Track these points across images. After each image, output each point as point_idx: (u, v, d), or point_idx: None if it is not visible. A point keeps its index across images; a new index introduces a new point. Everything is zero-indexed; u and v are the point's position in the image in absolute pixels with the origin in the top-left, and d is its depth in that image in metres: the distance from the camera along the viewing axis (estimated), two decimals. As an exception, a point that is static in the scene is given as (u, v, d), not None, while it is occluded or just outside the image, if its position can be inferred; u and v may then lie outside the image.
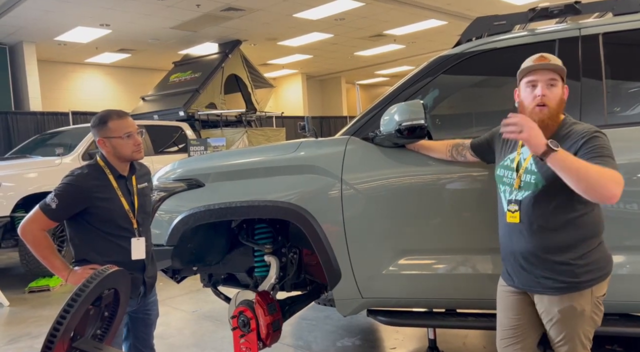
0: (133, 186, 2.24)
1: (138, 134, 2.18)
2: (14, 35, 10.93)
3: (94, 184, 2.11)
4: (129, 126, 2.16)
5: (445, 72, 2.55)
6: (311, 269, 2.99)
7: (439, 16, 11.32)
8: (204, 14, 10.12)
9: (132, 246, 2.16)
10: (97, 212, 2.10)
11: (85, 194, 2.08)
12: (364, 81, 20.20)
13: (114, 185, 2.16)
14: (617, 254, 1.97)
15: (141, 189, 2.27)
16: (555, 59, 1.88)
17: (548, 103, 1.82)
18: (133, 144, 2.15)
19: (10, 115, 10.64)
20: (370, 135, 2.53)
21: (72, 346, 1.57)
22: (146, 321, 2.35)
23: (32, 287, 5.31)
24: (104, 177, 2.15)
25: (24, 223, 2.07)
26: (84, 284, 1.50)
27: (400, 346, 3.44)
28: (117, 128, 2.14)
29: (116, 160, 2.18)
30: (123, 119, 2.17)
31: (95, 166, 2.18)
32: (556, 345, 1.91)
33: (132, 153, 2.16)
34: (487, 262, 2.37)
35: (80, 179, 2.10)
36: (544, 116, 1.82)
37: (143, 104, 10.93)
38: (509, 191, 1.94)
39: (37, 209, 2.07)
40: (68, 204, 2.07)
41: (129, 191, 2.21)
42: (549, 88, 1.83)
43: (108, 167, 2.17)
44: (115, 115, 2.18)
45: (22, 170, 5.76)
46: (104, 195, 2.12)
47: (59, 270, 2.09)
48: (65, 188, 2.07)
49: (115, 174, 2.18)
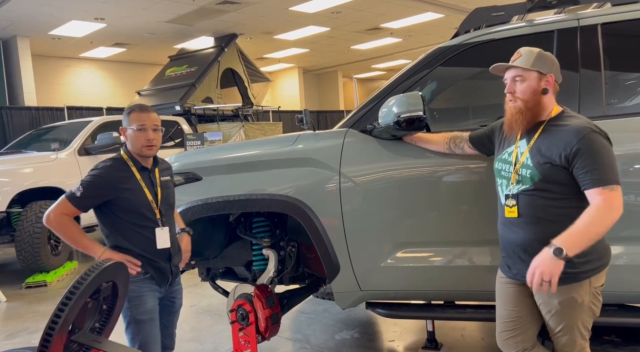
0: (156, 178, 2.30)
1: (154, 131, 2.22)
2: (8, 30, 10.84)
3: (118, 175, 2.18)
4: (144, 120, 2.21)
5: (443, 64, 2.54)
6: (309, 262, 2.98)
7: (435, 9, 11.29)
8: (199, 8, 10.05)
9: (157, 236, 2.22)
10: (122, 202, 2.17)
11: (110, 185, 2.15)
12: (361, 75, 20.16)
13: (138, 177, 2.23)
14: (615, 244, 1.97)
15: (164, 182, 2.34)
16: (528, 54, 1.89)
17: (518, 97, 1.90)
18: (144, 138, 2.20)
19: (4, 111, 10.56)
20: (368, 127, 2.52)
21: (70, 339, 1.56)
22: (170, 308, 2.40)
23: (29, 283, 5.30)
24: (128, 169, 2.23)
25: (48, 211, 2.12)
26: (82, 277, 1.49)
27: (398, 339, 3.44)
28: (134, 120, 2.22)
29: (135, 153, 2.26)
30: (143, 112, 2.24)
31: (119, 159, 2.26)
32: (555, 336, 1.92)
33: (142, 147, 2.22)
34: (485, 254, 2.37)
35: (106, 171, 2.17)
36: (517, 109, 1.90)
37: (139, 99, 10.88)
38: (506, 185, 1.94)
39: (62, 197, 2.13)
40: (93, 194, 2.13)
41: (152, 183, 2.27)
42: (515, 84, 1.90)
43: (131, 159, 2.25)
44: (138, 108, 2.26)
45: (18, 166, 5.73)
46: (128, 186, 2.18)
47: (91, 248, 2.14)
48: (92, 179, 2.14)
49: (138, 166, 2.25)
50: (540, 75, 1.88)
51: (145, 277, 2.20)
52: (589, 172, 1.74)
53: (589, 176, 1.75)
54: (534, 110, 1.88)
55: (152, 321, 2.22)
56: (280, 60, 16.38)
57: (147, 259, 2.20)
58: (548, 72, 1.89)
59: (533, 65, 1.87)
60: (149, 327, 2.20)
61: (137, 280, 2.16)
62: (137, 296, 2.16)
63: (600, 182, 1.73)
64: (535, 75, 1.88)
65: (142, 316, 2.18)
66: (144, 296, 2.19)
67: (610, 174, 1.74)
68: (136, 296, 2.16)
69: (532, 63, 1.87)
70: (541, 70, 1.88)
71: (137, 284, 2.16)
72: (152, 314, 2.22)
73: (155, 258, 2.22)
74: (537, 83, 1.88)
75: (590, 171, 1.74)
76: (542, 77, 1.88)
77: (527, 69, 1.88)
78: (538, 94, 1.88)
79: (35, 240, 5.35)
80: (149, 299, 2.21)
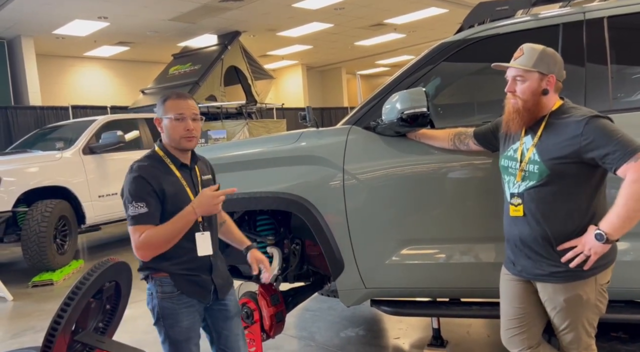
0: (197, 176, 2.04)
1: (194, 120, 1.96)
2: (12, 29, 10.87)
3: (156, 174, 1.90)
4: (182, 108, 1.94)
5: (447, 60, 2.51)
6: (314, 260, 2.97)
7: (439, 4, 11.22)
8: (202, 5, 10.04)
9: (197, 242, 1.94)
10: (165, 203, 1.88)
11: (153, 183, 1.87)
12: (365, 71, 20.09)
13: (178, 175, 1.95)
14: (621, 241, 1.94)
15: (206, 181, 2.07)
16: (530, 52, 1.86)
17: (517, 96, 1.88)
18: (183, 128, 1.92)
19: (10, 110, 10.62)
20: (372, 124, 2.51)
21: (74, 339, 1.56)
22: (225, 313, 2.09)
23: (35, 282, 5.32)
24: (165, 167, 1.95)
25: (136, 250, 1.85)
26: (84, 277, 1.49)
27: (404, 336, 3.43)
28: (171, 108, 1.95)
29: (172, 146, 1.99)
30: (180, 99, 1.97)
31: (154, 156, 1.97)
32: (560, 333, 1.91)
33: (181, 138, 1.93)
34: (490, 250, 2.35)
35: (142, 170, 1.89)
36: (515, 108, 1.89)
37: (143, 97, 10.90)
38: (513, 182, 1.92)
39: (132, 228, 1.83)
40: (152, 198, 1.85)
41: (192, 182, 2.00)
42: (516, 83, 1.88)
43: (168, 156, 1.97)
44: (174, 95, 2.00)
45: (23, 165, 5.75)
46: (169, 185, 1.91)
47: (186, 216, 1.85)
48: (137, 187, 1.84)
49: (176, 164, 1.97)
50: (542, 75, 1.85)
51: (178, 293, 1.92)
52: (609, 154, 1.70)
53: (609, 157, 1.70)
54: (532, 111, 1.87)
55: (189, 340, 1.96)
56: (284, 58, 16.35)
57: (184, 275, 1.93)
58: (549, 72, 1.86)
59: (534, 66, 1.84)
60: (186, 347, 1.95)
61: (173, 296, 1.91)
62: (171, 313, 1.91)
63: (622, 158, 1.68)
64: (536, 76, 1.85)
65: (178, 336, 1.93)
66: (178, 314, 1.92)
67: (629, 145, 1.69)
68: (170, 313, 1.91)
69: (534, 63, 1.84)
70: (542, 70, 1.85)
71: (172, 300, 1.91)
72: (189, 333, 1.96)
73: (193, 272, 1.94)
74: (537, 84, 1.85)
75: (611, 153, 1.70)
76: (543, 78, 1.85)
77: (528, 70, 1.85)
78: (538, 94, 1.86)
79: (41, 239, 5.37)
80: (184, 317, 1.93)
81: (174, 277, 1.91)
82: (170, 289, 1.91)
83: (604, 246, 1.73)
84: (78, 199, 6.04)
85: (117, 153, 6.60)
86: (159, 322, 1.93)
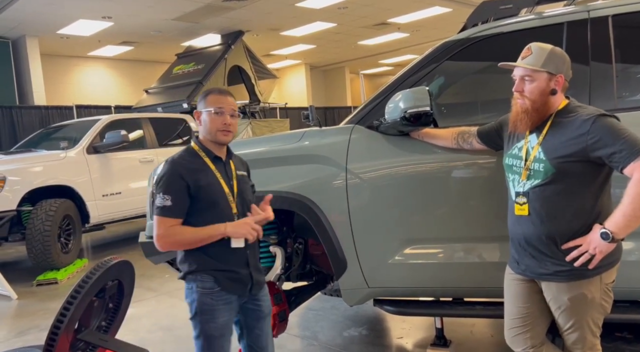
0: (232, 170, 2.09)
1: (232, 116, 2.03)
2: (17, 29, 10.92)
3: (190, 167, 1.97)
4: (222, 103, 2.02)
5: (451, 59, 2.51)
6: (317, 259, 2.97)
7: (443, 3, 11.18)
8: (206, 5, 10.05)
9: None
10: (198, 198, 1.95)
11: (185, 177, 1.93)
12: (368, 71, 20.07)
13: (212, 167, 2.02)
14: (626, 240, 1.93)
15: (240, 176, 2.12)
16: (539, 52, 1.85)
17: (526, 96, 1.86)
18: (221, 122, 2.00)
19: (14, 110, 10.65)
20: (375, 123, 2.50)
21: (77, 337, 1.56)
22: (257, 313, 2.13)
23: (40, 280, 5.34)
24: (200, 160, 2.02)
25: (157, 239, 1.93)
26: (86, 276, 1.49)
27: (407, 336, 3.43)
28: (212, 102, 2.03)
29: (208, 140, 2.05)
30: (221, 95, 2.06)
31: (189, 150, 2.06)
32: (565, 332, 1.90)
33: (217, 132, 2.00)
34: (494, 250, 2.35)
35: (175, 164, 1.97)
36: (523, 108, 1.87)
37: (146, 97, 10.91)
38: (517, 181, 1.91)
39: (156, 218, 1.92)
40: (179, 193, 1.92)
41: (227, 175, 2.06)
42: (524, 83, 1.86)
43: (203, 150, 2.04)
44: (216, 90, 2.10)
45: (28, 165, 5.77)
46: (203, 179, 1.97)
47: (215, 230, 1.93)
48: (168, 180, 1.93)
49: (210, 156, 2.04)
50: (550, 75, 1.84)
51: (219, 289, 1.98)
52: (615, 153, 1.70)
53: (616, 156, 1.70)
54: (540, 111, 1.85)
55: (223, 337, 2.00)
56: (287, 57, 16.34)
57: (223, 271, 1.98)
58: (558, 72, 1.84)
59: (543, 66, 1.83)
60: (219, 343, 1.99)
61: (212, 292, 1.96)
62: (209, 309, 1.96)
63: (629, 157, 1.68)
64: (545, 76, 1.84)
65: (213, 332, 1.97)
66: (216, 311, 1.97)
67: (636, 144, 1.69)
68: (208, 309, 1.96)
69: (543, 63, 1.83)
70: (551, 70, 1.83)
71: (211, 296, 1.96)
72: (224, 330, 2.00)
73: (231, 266, 1.99)
74: (546, 84, 1.84)
75: (618, 152, 1.69)
76: (551, 78, 1.84)
77: (537, 70, 1.84)
78: (546, 95, 1.85)
79: (45, 238, 5.39)
80: (221, 314, 1.98)
81: (215, 273, 1.97)
82: (211, 285, 1.96)
83: (609, 245, 1.72)
84: (82, 198, 6.06)
85: (121, 152, 6.62)
86: (195, 318, 1.97)
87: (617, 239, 1.72)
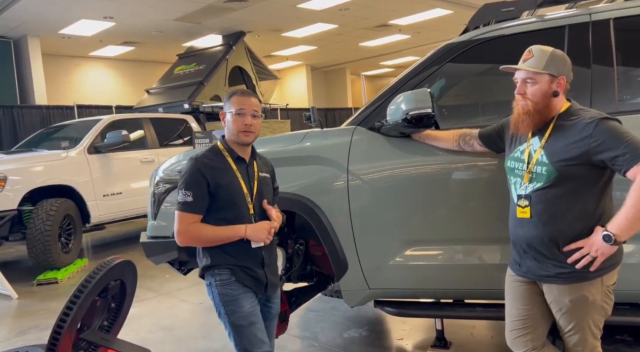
0: (254, 171, 2.13)
1: (253, 117, 2.07)
2: (18, 29, 10.93)
3: (212, 166, 2.02)
4: (244, 104, 2.07)
5: (452, 61, 2.51)
6: (318, 260, 2.98)
7: (444, 5, 11.19)
8: (207, 5, 10.06)
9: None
10: (218, 195, 2.00)
11: (205, 175, 1.99)
12: (369, 72, 20.07)
13: (234, 167, 2.06)
14: (627, 243, 1.94)
15: (262, 177, 2.15)
16: (540, 54, 1.85)
17: (528, 98, 1.87)
18: (242, 122, 2.04)
19: (15, 109, 10.66)
20: (376, 125, 2.51)
21: (79, 337, 1.57)
22: (267, 315, 2.17)
23: (40, 280, 5.34)
24: (222, 159, 2.07)
25: (177, 234, 1.99)
26: (89, 276, 1.49)
27: (407, 337, 3.43)
28: (234, 103, 2.08)
29: (232, 141, 2.11)
30: (244, 96, 2.11)
31: (213, 149, 2.11)
32: (566, 335, 1.90)
33: (239, 132, 2.05)
34: (495, 252, 2.35)
35: (198, 162, 2.02)
36: (525, 110, 1.87)
37: (148, 97, 10.92)
38: (519, 184, 1.92)
39: (177, 213, 1.98)
40: (200, 190, 1.97)
41: (248, 176, 2.10)
42: (526, 85, 1.87)
43: (227, 150, 2.09)
44: (240, 92, 2.15)
45: (29, 164, 5.78)
46: (223, 177, 2.02)
47: (235, 232, 1.99)
48: (190, 177, 1.99)
49: (233, 156, 2.09)
50: (552, 77, 1.85)
51: (234, 280, 2.02)
52: (618, 156, 1.71)
53: (619, 159, 1.71)
54: (542, 113, 1.86)
55: (252, 324, 2.01)
56: (288, 58, 16.35)
57: (240, 267, 2.03)
58: (560, 74, 1.85)
59: (545, 68, 1.84)
60: (250, 331, 2.00)
61: (229, 282, 2.00)
62: (231, 300, 1.99)
63: (632, 161, 1.68)
64: (546, 78, 1.85)
65: (241, 321, 1.99)
66: (239, 300, 2.00)
67: (633, 137, 1.70)
68: (231, 300, 1.99)
69: (545, 65, 1.84)
70: (553, 72, 1.84)
71: (229, 287, 2.00)
72: (252, 317, 2.01)
73: (248, 265, 2.03)
74: (548, 86, 1.85)
75: (621, 155, 1.70)
76: (553, 80, 1.85)
77: (539, 72, 1.84)
78: (548, 97, 1.85)
79: (46, 237, 5.39)
80: (245, 302, 2.00)
81: (231, 267, 2.01)
82: (227, 276, 2.00)
83: (611, 247, 1.73)
84: (83, 198, 6.07)
85: (122, 152, 6.63)
86: (221, 313, 2.01)
87: (619, 242, 1.73)
